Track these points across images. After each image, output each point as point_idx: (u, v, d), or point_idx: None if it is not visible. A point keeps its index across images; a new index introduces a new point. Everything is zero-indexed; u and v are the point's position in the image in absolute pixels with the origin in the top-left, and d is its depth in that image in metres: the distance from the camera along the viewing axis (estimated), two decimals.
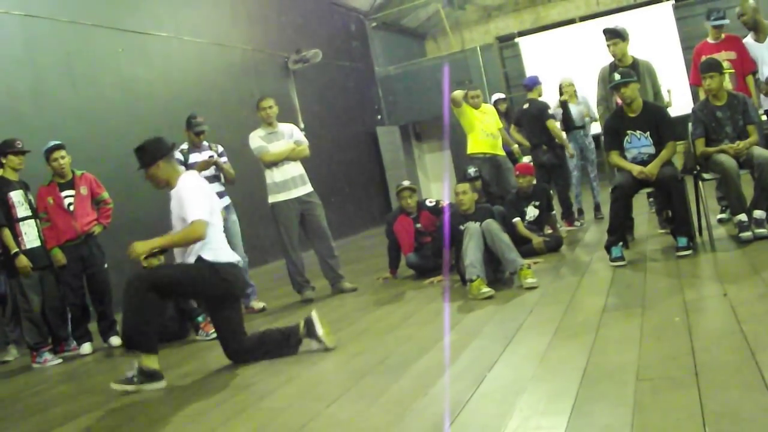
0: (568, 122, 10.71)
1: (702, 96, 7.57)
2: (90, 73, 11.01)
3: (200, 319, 7.18)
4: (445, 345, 5.10)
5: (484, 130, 9.93)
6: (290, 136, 8.36)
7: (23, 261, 7.30)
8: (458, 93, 9.70)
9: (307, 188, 8.34)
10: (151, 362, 5.36)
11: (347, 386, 4.47)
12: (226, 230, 8.02)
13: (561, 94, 10.91)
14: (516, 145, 10.80)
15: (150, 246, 5.43)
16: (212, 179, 8.05)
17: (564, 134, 10.55)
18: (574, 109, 10.68)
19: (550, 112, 10.46)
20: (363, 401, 4.14)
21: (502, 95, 12.56)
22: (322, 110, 17.19)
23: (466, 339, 5.11)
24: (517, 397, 3.66)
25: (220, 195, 8.10)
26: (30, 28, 10.21)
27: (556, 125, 10.46)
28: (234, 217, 8.29)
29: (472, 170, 9.32)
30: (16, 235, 7.41)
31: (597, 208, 10.74)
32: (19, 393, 5.97)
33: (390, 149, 19.75)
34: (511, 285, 6.88)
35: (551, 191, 9.51)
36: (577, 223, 10.34)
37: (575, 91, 10.90)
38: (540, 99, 10.67)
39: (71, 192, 7.78)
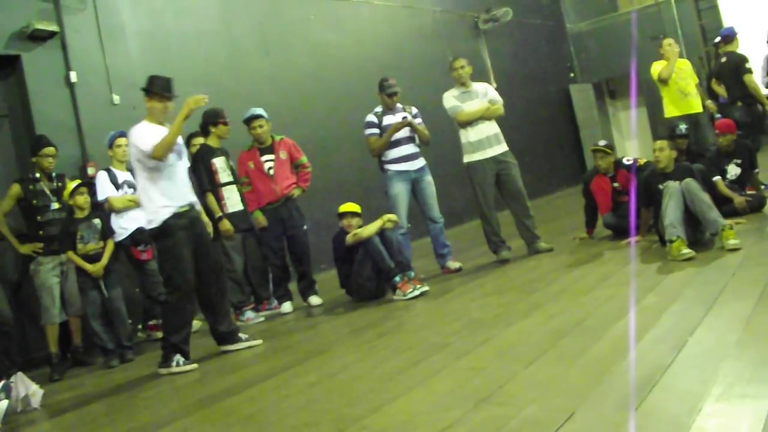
0: None
1: None
2: (282, 41, 11.37)
3: (397, 279, 7.26)
4: (644, 307, 4.98)
5: (680, 89, 9.60)
6: (484, 95, 8.30)
7: (226, 224, 7.62)
8: (667, 72, 9.45)
9: (503, 147, 8.25)
10: None
11: (545, 347, 4.43)
12: (422, 191, 8.15)
13: None
14: (710, 101, 10.35)
15: None
16: (407, 140, 8.16)
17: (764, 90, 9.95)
18: None
19: (747, 66, 9.87)
20: (561, 363, 4.10)
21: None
22: (514, 69, 17.05)
23: (666, 302, 4.97)
24: (720, 362, 3.53)
25: (415, 156, 8.23)
26: (225, 0, 10.63)
27: (754, 80, 9.86)
28: (429, 178, 8.33)
29: (683, 127, 8.91)
30: (219, 200, 7.75)
31: None
32: (219, 350, 6.25)
33: (583, 107, 19.38)
34: (711, 246, 6.62)
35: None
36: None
37: None
38: (738, 52, 10.14)
39: (271, 157, 8.04)
